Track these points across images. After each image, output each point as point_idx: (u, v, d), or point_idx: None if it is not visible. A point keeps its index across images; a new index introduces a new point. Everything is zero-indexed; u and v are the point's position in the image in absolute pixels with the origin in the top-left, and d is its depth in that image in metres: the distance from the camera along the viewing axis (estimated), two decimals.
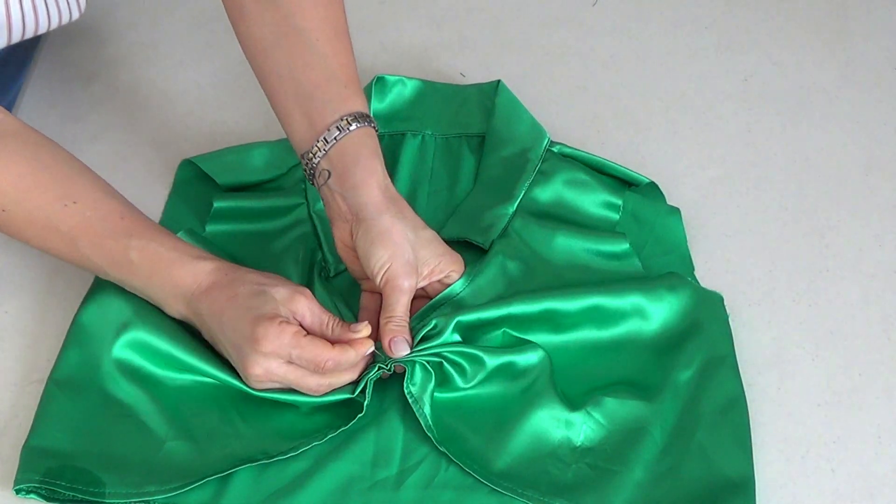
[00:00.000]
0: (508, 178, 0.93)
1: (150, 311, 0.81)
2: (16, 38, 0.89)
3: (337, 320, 0.77)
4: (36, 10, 0.87)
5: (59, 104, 1.05)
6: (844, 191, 0.98)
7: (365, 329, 0.77)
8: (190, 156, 0.98)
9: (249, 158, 0.96)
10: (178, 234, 0.85)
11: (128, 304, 0.81)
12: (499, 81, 1.00)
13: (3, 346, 0.86)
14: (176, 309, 0.79)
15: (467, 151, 0.98)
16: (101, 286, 0.84)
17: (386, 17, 1.15)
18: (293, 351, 0.75)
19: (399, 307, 0.79)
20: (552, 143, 0.96)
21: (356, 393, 0.78)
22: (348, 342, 0.76)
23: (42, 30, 0.90)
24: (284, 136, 0.98)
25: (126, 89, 1.07)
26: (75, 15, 0.92)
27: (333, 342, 0.76)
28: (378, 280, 0.79)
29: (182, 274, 0.78)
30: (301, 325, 0.76)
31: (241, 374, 0.77)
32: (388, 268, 0.78)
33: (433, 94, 1.02)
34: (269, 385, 0.77)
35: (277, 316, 0.75)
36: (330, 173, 0.81)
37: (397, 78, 1.02)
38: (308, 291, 0.78)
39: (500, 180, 0.93)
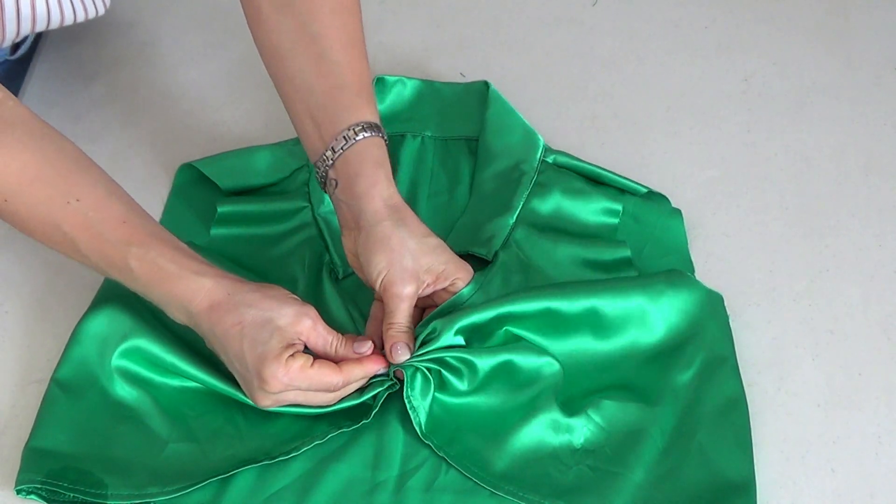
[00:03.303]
0: (504, 192, 0.92)
1: (153, 323, 0.81)
2: (40, 28, 0.89)
3: (341, 339, 0.77)
4: (61, 3, 0.87)
5: (59, 104, 1.05)
6: (844, 191, 0.98)
7: (368, 349, 0.77)
8: (190, 156, 0.98)
9: (251, 162, 0.96)
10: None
11: (132, 314, 0.81)
12: (487, 84, 0.99)
13: (3, 346, 0.86)
14: (177, 317, 0.78)
15: (467, 153, 0.98)
16: (106, 295, 0.84)
17: (386, 17, 1.15)
18: (302, 384, 0.74)
19: (399, 314, 0.78)
20: (548, 153, 0.95)
21: (362, 400, 0.77)
22: (356, 360, 0.76)
23: (68, 21, 0.90)
24: (284, 139, 0.99)
25: (126, 89, 1.07)
26: (101, 11, 0.92)
27: (339, 360, 0.76)
28: (377, 287, 0.79)
29: (180, 289, 0.76)
30: (306, 345, 0.76)
31: (249, 398, 0.77)
32: (385, 275, 0.78)
33: (433, 95, 1.02)
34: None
35: (284, 351, 0.74)
36: (337, 182, 0.81)
37: (397, 78, 1.02)
38: (314, 311, 0.77)
39: (495, 194, 0.93)
